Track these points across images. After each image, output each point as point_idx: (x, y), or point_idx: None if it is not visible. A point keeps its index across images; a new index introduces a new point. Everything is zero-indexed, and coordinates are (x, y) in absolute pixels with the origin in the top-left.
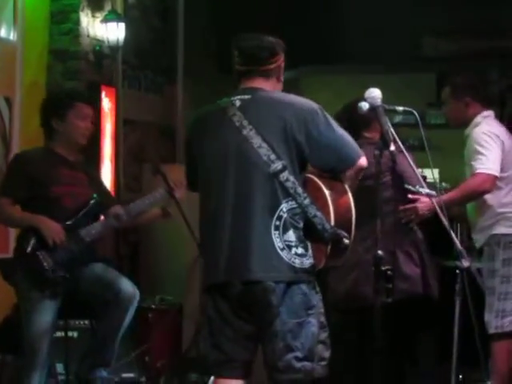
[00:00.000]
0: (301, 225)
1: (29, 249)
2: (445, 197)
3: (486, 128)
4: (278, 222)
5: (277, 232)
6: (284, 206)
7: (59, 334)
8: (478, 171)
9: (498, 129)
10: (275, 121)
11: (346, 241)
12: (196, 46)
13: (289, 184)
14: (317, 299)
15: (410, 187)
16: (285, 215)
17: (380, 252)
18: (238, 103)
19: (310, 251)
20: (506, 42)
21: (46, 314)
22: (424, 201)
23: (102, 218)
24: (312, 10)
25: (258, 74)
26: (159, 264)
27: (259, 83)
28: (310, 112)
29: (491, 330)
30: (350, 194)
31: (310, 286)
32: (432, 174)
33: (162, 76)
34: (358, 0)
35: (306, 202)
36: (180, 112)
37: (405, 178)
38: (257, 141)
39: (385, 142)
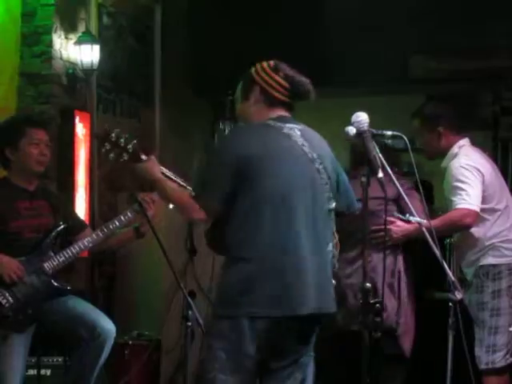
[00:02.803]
0: None
1: None
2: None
3: (464, 161)
4: (331, 257)
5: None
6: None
7: (31, 372)
8: (458, 206)
9: (478, 160)
10: (329, 159)
11: None
12: (172, 69)
13: (333, 222)
14: None
15: (400, 215)
16: (332, 251)
17: (368, 284)
18: (297, 132)
19: None
20: (497, 62)
21: (14, 351)
22: (400, 225)
23: (70, 245)
24: (295, 32)
25: (292, 108)
26: (136, 297)
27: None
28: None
29: (481, 366)
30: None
31: None
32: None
33: (138, 100)
34: (344, 21)
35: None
36: (158, 137)
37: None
38: (324, 176)
39: (373, 168)
